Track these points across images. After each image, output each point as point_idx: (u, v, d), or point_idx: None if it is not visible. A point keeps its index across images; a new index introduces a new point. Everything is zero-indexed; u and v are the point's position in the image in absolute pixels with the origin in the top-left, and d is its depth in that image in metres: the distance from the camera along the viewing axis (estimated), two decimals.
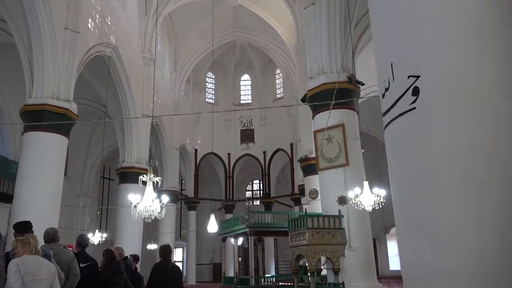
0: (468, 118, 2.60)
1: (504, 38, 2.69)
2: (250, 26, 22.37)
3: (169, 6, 18.60)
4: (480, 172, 2.50)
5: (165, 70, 21.65)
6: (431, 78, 2.75)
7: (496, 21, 2.72)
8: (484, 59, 2.66)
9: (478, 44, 2.68)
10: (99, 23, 13.36)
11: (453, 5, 2.80)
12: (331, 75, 10.35)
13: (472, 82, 2.63)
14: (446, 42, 2.74)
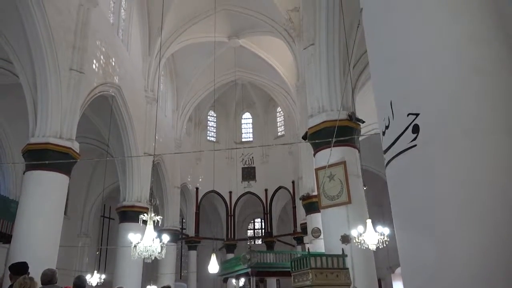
0: (467, 156, 2.59)
1: (502, 78, 2.73)
2: (251, 66, 22.83)
3: (172, 47, 19.08)
4: (482, 210, 2.48)
5: (167, 109, 21.91)
6: (430, 116, 2.77)
7: (494, 61, 2.77)
8: (482, 98, 2.69)
9: (475, 83, 2.71)
10: (104, 64, 13.65)
11: (451, 45, 2.86)
12: (332, 113, 10.45)
13: (471, 121, 2.65)
14: (444, 81, 2.78)
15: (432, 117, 2.76)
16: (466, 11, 2.96)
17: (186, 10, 18.39)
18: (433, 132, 2.74)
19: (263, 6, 17.76)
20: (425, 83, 2.86)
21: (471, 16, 2.95)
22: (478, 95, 2.69)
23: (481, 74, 2.73)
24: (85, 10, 12.16)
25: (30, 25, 10.16)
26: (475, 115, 2.65)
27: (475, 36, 2.85)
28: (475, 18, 2.95)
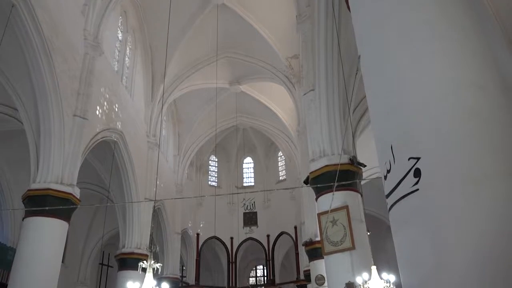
0: (470, 201, 2.57)
1: (500, 122, 2.76)
2: (252, 111, 23.14)
3: (175, 93, 19.45)
4: (487, 252, 2.42)
5: (169, 154, 21.99)
6: (431, 160, 2.77)
7: (491, 105, 2.82)
8: (481, 142, 2.70)
9: (474, 128, 2.74)
10: (107, 110, 13.85)
11: (449, 91, 2.92)
12: (333, 157, 10.46)
13: (472, 165, 2.65)
14: (443, 126, 2.81)
15: (433, 161, 2.76)
16: (463, 58, 3.05)
17: (189, 58, 18.91)
18: (435, 176, 2.73)
19: (264, 53, 18.26)
20: (424, 127, 2.88)
21: (468, 62, 3.03)
22: (477, 140, 2.71)
23: (479, 119, 2.76)
24: (90, 58, 12.50)
25: (37, 72, 10.42)
26: (475, 159, 2.66)
27: (472, 81, 2.91)
28: (471, 64, 3.02)
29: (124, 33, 16.38)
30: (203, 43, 18.19)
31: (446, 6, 3.26)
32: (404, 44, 3.24)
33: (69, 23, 11.63)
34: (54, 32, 10.75)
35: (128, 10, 16.40)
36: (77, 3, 12.24)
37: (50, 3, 10.60)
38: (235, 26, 17.58)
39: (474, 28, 3.21)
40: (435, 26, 3.18)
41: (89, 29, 12.57)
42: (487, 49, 3.16)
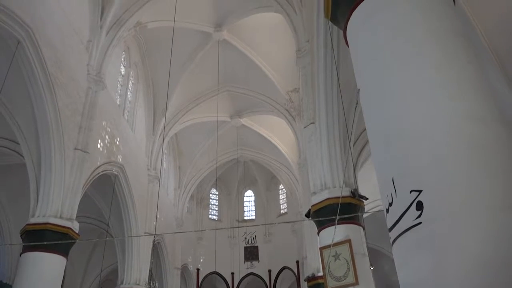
0: (474, 234, 2.54)
1: (499, 154, 2.76)
2: (253, 144, 23.20)
3: (176, 127, 19.58)
4: (491, 284, 2.37)
5: (169, 187, 21.88)
6: (433, 192, 2.75)
7: (490, 137, 2.82)
8: (481, 174, 2.69)
9: (474, 159, 2.74)
10: (108, 143, 13.90)
11: (448, 123, 2.93)
12: (334, 190, 10.39)
13: (474, 197, 2.63)
14: (443, 158, 2.81)
15: (435, 194, 2.74)
16: (460, 89, 3.08)
17: (190, 92, 19.15)
18: (438, 209, 2.70)
19: (264, 87, 18.51)
20: (424, 160, 2.88)
21: (465, 93, 3.06)
22: (478, 172, 2.70)
23: (480, 150, 2.76)
24: (93, 93, 12.66)
25: (40, 107, 10.52)
26: (477, 191, 2.64)
27: (471, 113, 2.93)
28: (469, 95, 3.05)
29: (127, 68, 16.66)
30: (204, 77, 18.48)
31: (441, 39, 3.33)
32: (402, 76, 3.29)
33: (73, 59, 11.85)
34: (58, 68, 10.94)
35: (131, 46, 16.76)
36: (81, 39, 12.52)
37: (55, 39, 10.84)
38: (236, 61, 17.91)
39: (470, 60, 3.27)
40: (431, 57, 3.23)
41: (92, 64, 12.80)
42: (484, 82, 3.20)
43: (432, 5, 3.56)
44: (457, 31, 3.45)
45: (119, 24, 13.83)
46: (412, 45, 3.35)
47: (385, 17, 3.59)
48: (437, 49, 3.27)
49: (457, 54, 3.26)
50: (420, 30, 3.40)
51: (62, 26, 11.28)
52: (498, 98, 3.10)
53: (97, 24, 13.20)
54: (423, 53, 3.28)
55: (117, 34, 13.73)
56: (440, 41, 3.31)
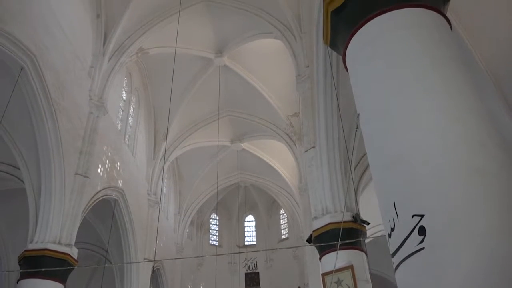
0: (476, 257, 2.50)
1: (501, 179, 2.75)
2: (253, 169, 23.16)
3: (176, 151, 19.60)
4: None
5: (169, 212, 21.72)
6: (436, 217, 2.73)
7: (492, 163, 2.82)
8: (483, 199, 2.68)
9: (475, 184, 2.73)
10: (109, 168, 13.88)
11: (450, 148, 2.93)
12: (336, 214, 10.30)
13: (477, 222, 2.61)
14: (444, 182, 2.80)
15: (437, 219, 2.72)
16: (459, 114, 3.09)
17: (191, 117, 19.26)
18: (440, 234, 2.67)
19: (265, 112, 18.62)
20: (426, 184, 2.87)
21: (464, 118, 3.07)
22: (480, 197, 2.68)
23: (481, 175, 2.75)
24: (94, 118, 12.73)
25: (41, 132, 10.56)
26: (479, 216, 2.62)
27: (473, 139, 2.93)
28: (470, 121, 3.06)
29: (128, 93, 16.81)
30: (205, 102, 18.62)
31: (439, 65, 3.37)
32: (401, 100, 3.31)
33: (75, 84, 11.97)
34: (60, 93, 11.04)
35: (132, 72, 16.95)
36: (84, 65, 12.68)
37: (58, 65, 10.98)
38: (236, 86, 18.08)
39: (469, 86, 3.30)
40: (429, 82, 3.26)
41: (94, 90, 12.93)
42: (483, 107, 3.21)
43: (430, 32, 3.62)
44: (455, 57, 3.49)
45: (122, 50, 14.03)
46: (411, 70, 3.39)
47: (383, 43, 3.65)
48: (435, 75, 3.31)
49: (455, 79, 3.30)
50: (418, 56, 3.45)
51: (65, 53, 11.45)
52: (498, 124, 3.11)
53: (100, 50, 13.41)
54: (421, 78, 3.31)
55: (119, 60, 13.92)
56: (438, 67, 3.35)
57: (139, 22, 14.32)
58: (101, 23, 13.47)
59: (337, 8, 4.12)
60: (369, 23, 3.81)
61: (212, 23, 15.80)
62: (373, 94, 3.60)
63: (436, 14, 3.75)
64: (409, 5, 3.73)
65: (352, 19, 3.97)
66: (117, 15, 13.63)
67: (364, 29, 3.84)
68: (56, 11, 10.94)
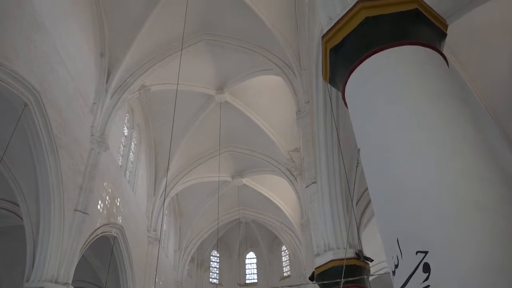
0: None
1: (504, 214, 2.72)
2: (254, 204, 22.99)
3: (177, 187, 19.52)
4: None
5: (169, 249, 21.38)
6: (439, 253, 2.68)
7: (495, 197, 2.79)
8: (487, 235, 2.64)
9: (478, 220, 2.69)
10: (108, 205, 13.78)
11: (451, 182, 2.92)
12: (338, 251, 10.13)
13: (482, 259, 2.56)
14: (447, 217, 2.77)
15: (442, 255, 2.67)
16: (460, 150, 3.09)
17: (192, 152, 19.31)
18: (445, 271, 2.61)
19: (266, 147, 18.68)
20: (429, 219, 2.83)
21: (465, 154, 3.07)
22: (484, 232, 2.65)
23: (484, 211, 2.72)
24: (95, 154, 12.76)
25: (42, 168, 10.55)
26: (484, 252, 2.57)
27: (473, 174, 2.93)
28: (469, 155, 3.06)
29: (130, 129, 16.93)
30: (206, 137, 18.72)
31: (437, 100, 3.41)
32: (400, 135, 3.33)
33: (77, 121, 12.08)
34: (62, 129, 11.12)
35: (134, 108, 17.14)
36: (86, 102, 12.84)
37: (61, 102, 11.12)
38: (237, 122, 18.23)
39: (467, 120, 3.32)
40: (428, 117, 3.29)
41: (96, 126, 13.03)
42: (483, 141, 3.22)
43: (427, 68, 3.68)
44: (452, 92, 3.54)
45: (124, 87, 14.26)
46: (409, 105, 3.43)
47: (382, 80, 3.71)
48: (434, 110, 3.34)
49: (453, 114, 3.33)
50: (416, 92, 3.50)
51: (69, 89, 11.62)
52: (498, 158, 3.11)
53: (103, 87, 13.62)
54: (420, 113, 3.34)
55: (122, 97, 14.11)
56: (436, 102, 3.39)
57: (141, 60, 14.62)
58: (104, 61, 13.76)
59: (335, 46, 4.21)
60: (367, 60, 3.88)
61: (213, 60, 16.13)
62: (373, 129, 3.62)
63: (433, 52, 3.83)
64: (405, 43, 3.81)
65: (350, 56, 4.06)
66: (120, 54, 13.94)
67: (362, 66, 3.91)
68: (61, 50, 11.20)
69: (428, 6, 4.06)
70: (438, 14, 4.12)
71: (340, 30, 4.16)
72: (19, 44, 9.39)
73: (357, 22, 4.02)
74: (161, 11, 13.51)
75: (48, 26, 10.57)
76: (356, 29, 4.03)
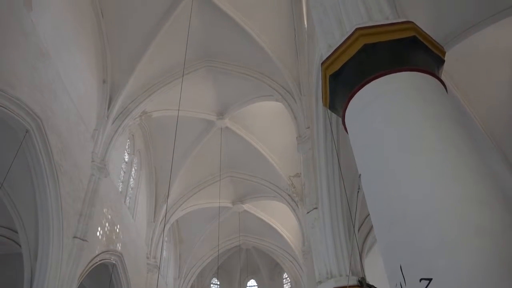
0: None
1: (507, 239, 2.69)
2: (255, 231, 22.77)
3: (177, 213, 19.38)
4: None
5: (168, 277, 21.04)
6: (443, 280, 2.63)
7: (495, 222, 2.77)
8: (492, 260, 2.60)
9: (481, 245, 2.66)
10: (108, 231, 13.65)
11: (450, 206, 2.90)
12: (341, 278, 9.96)
13: (484, 285, 2.51)
14: (450, 243, 2.73)
15: (446, 283, 2.62)
16: (461, 174, 3.08)
17: (192, 178, 19.26)
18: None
19: (266, 172, 18.64)
20: (432, 245, 2.80)
21: (466, 178, 3.06)
22: (489, 257, 2.61)
23: (484, 236, 2.69)
24: (96, 180, 12.73)
25: (42, 195, 10.50)
26: (491, 280, 2.53)
27: (474, 198, 2.91)
28: (472, 180, 3.05)
29: (131, 154, 16.94)
30: (206, 163, 18.71)
31: (436, 124, 3.42)
32: (401, 160, 3.33)
33: (78, 146, 12.11)
34: (63, 155, 11.13)
35: (135, 134, 17.21)
36: (88, 128, 12.90)
37: (62, 128, 11.17)
38: (238, 147, 18.26)
39: (467, 144, 3.32)
40: (427, 142, 3.30)
41: (97, 152, 13.05)
42: (483, 165, 3.22)
43: (425, 93, 3.72)
44: (451, 116, 3.56)
45: (126, 113, 14.36)
46: (408, 130, 3.44)
47: (381, 105, 3.73)
48: (433, 134, 3.35)
49: (453, 138, 3.34)
50: (415, 116, 3.51)
51: (70, 116, 11.70)
52: (499, 181, 3.10)
53: (104, 113, 13.72)
54: (419, 138, 3.35)
55: (123, 123, 14.19)
56: (435, 126, 3.41)
57: (143, 86, 14.78)
58: (106, 88, 13.90)
59: (335, 73, 4.26)
60: (366, 86, 3.92)
61: (214, 86, 16.30)
62: (373, 154, 3.62)
63: (431, 77, 3.87)
64: (403, 69, 3.86)
65: (350, 82, 4.10)
66: (122, 80, 14.10)
67: (362, 92, 3.95)
68: (64, 77, 11.33)
69: (425, 33, 4.13)
70: (435, 41, 4.19)
71: (339, 57, 4.21)
72: (23, 71, 9.51)
73: (356, 49, 4.08)
74: (163, 39, 13.74)
75: (52, 54, 10.73)
76: (355, 56, 4.09)
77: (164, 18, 13.42)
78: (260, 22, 13.56)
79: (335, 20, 4.70)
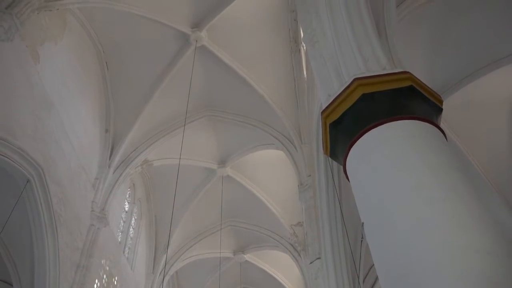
0: None
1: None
2: (257, 281, 22.13)
3: (177, 264, 18.92)
4: None
5: None
6: None
7: (500, 272, 2.70)
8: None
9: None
10: (105, 284, 13.27)
11: (456, 257, 2.84)
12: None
13: None
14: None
15: None
16: (464, 223, 3.04)
17: (193, 228, 18.96)
18: None
19: (268, 221, 18.37)
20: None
21: (470, 226, 3.02)
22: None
23: (492, 286, 2.62)
24: (95, 230, 12.53)
25: (40, 245, 10.29)
26: None
27: (478, 246, 2.85)
28: (476, 229, 3.00)
29: (131, 204, 16.80)
30: (207, 212, 18.50)
31: (438, 172, 3.41)
32: (403, 209, 3.29)
33: (78, 196, 12.04)
34: (63, 205, 11.04)
35: (136, 182, 17.16)
36: (89, 177, 12.89)
37: (63, 178, 11.16)
38: (239, 196, 18.12)
39: (469, 192, 3.30)
40: (430, 190, 3.28)
41: (97, 201, 12.96)
42: (487, 213, 3.18)
43: (425, 141, 3.74)
44: (452, 164, 3.56)
45: (127, 162, 14.39)
46: (410, 178, 3.43)
47: (382, 153, 3.75)
48: (435, 183, 3.33)
49: (455, 186, 3.31)
50: (416, 164, 3.51)
51: (72, 165, 11.72)
52: (504, 228, 3.06)
53: (106, 162, 13.76)
54: (421, 187, 3.33)
55: (124, 172, 14.19)
56: (437, 174, 3.40)
57: (145, 135, 14.91)
58: (109, 137, 14.04)
59: (335, 121, 4.31)
60: (366, 134, 3.96)
61: (215, 135, 16.44)
62: (375, 203, 3.59)
63: (430, 126, 3.92)
64: (402, 118, 3.91)
65: (350, 131, 4.14)
66: (125, 129, 14.26)
67: (362, 140, 3.98)
68: (67, 127, 11.47)
69: (422, 82, 4.22)
70: (432, 90, 4.27)
71: (339, 106, 4.29)
72: (26, 121, 9.64)
73: (354, 99, 4.16)
74: (165, 90, 14.04)
75: (56, 104, 10.93)
76: (354, 105, 4.16)
77: (167, 70, 13.78)
78: (260, 72, 13.91)
79: (333, 71, 4.82)
